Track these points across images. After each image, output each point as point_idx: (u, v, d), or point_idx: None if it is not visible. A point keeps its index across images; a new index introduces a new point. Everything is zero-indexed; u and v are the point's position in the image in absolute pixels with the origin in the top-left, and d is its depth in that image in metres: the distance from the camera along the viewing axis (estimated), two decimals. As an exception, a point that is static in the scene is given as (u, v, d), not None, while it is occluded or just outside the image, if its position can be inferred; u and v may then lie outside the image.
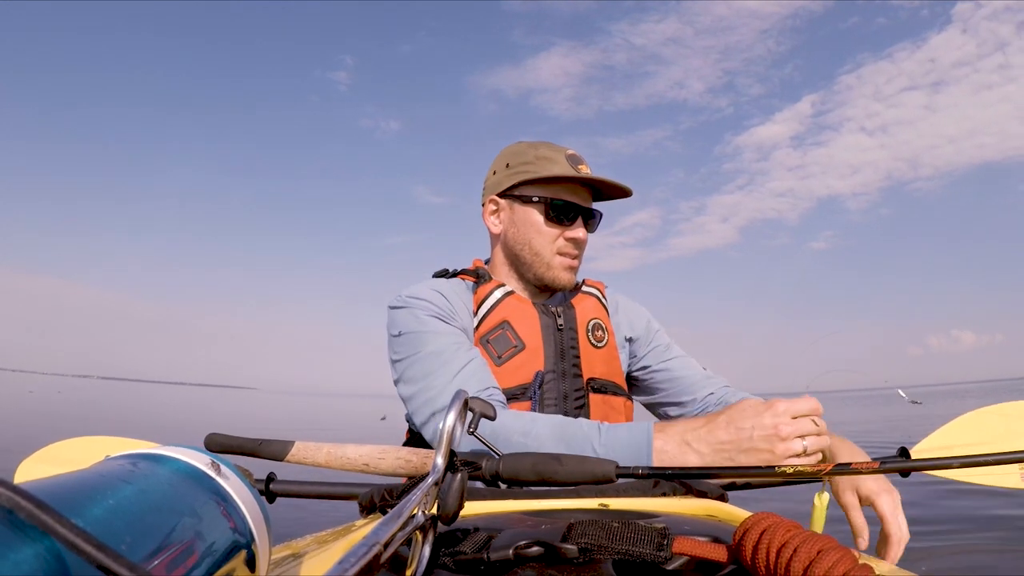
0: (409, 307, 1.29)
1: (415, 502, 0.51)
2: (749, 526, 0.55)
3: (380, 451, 1.06)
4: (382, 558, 0.40)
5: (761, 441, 0.96)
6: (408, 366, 1.24)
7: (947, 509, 4.19)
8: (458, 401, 0.63)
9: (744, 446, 0.97)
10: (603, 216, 1.46)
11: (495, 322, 1.33)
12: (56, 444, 1.21)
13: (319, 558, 0.66)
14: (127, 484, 0.39)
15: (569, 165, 1.36)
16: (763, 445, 0.96)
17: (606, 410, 1.37)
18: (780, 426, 0.96)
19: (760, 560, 0.52)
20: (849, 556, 0.49)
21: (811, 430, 0.97)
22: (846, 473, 1.04)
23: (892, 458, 0.99)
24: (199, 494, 0.43)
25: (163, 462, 0.45)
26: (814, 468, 0.84)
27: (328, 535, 0.84)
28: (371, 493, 0.97)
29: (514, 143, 1.46)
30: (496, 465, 0.87)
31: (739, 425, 0.98)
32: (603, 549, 0.56)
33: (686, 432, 1.02)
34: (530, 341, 1.32)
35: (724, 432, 0.99)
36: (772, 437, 0.96)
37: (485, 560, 0.57)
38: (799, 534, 0.52)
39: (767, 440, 0.96)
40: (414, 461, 1.03)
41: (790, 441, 0.96)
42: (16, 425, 11.64)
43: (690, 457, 1.01)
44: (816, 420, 0.99)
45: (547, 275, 1.39)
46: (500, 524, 0.69)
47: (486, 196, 1.46)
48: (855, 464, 0.87)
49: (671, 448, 1.02)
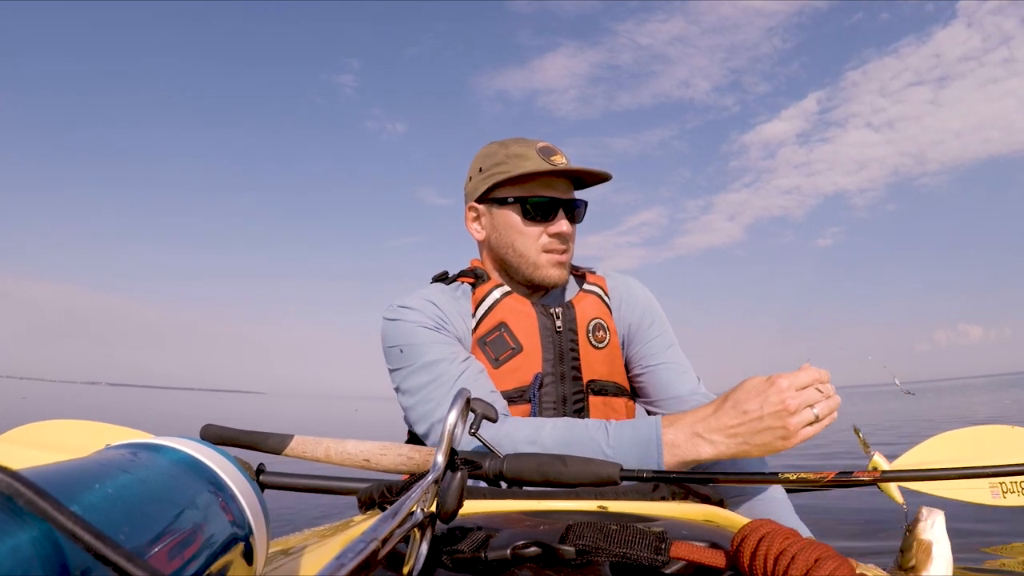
0: (401, 319, 1.28)
1: (414, 499, 0.51)
2: (747, 532, 0.55)
3: (381, 447, 1.06)
4: (380, 554, 0.40)
5: (772, 419, 0.96)
6: (404, 378, 1.25)
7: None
8: (460, 400, 0.63)
9: (756, 427, 0.97)
10: (588, 204, 1.41)
11: (492, 323, 1.32)
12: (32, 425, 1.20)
13: (317, 552, 0.66)
14: (126, 473, 0.39)
15: (541, 158, 1.31)
16: (774, 423, 0.96)
17: (607, 412, 1.35)
18: (787, 400, 0.96)
19: (758, 567, 0.52)
20: (847, 565, 0.49)
21: (818, 398, 0.98)
22: (847, 484, 1.03)
23: (890, 471, 0.99)
24: (198, 485, 0.43)
25: (163, 452, 0.45)
26: (816, 476, 0.84)
27: (326, 530, 0.84)
28: (370, 489, 0.97)
29: (486, 144, 1.41)
30: (500, 464, 0.87)
31: (745, 408, 0.98)
32: (601, 551, 0.56)
33: (695, 423, 1.02)
34: (528, 343, 1.31)
35: (732, 416, 0.99)
36: (782, 413, 0.96)
37: (483, 559, 0.56)
38: (797, 541, 0.52)
39: (777, 417, 0.96)
40: (416, 458, 1.03)
41: (800, 413, 0.96)
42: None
43: (702, 448, 1.00)
44: (820, 387, 0.99)
45: (536, 275, 1.35)
46: (499, 524, 0.69)
47: (466, 203, 1.44)
48: (857, 473, 0.88)
49: (682, 440, 1.02)
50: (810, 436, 0.98)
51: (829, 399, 0.98)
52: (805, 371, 0.99)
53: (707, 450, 1.00)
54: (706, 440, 1.00)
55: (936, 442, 1.25)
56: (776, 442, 0.97)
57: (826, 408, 0.98)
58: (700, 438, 1.01)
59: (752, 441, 0.98)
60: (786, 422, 0.96)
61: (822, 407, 0.97)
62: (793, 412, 0.96)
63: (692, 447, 1.01)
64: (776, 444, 0.97)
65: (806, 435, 0.98)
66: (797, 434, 0.96)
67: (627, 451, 1.03)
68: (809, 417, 0.96)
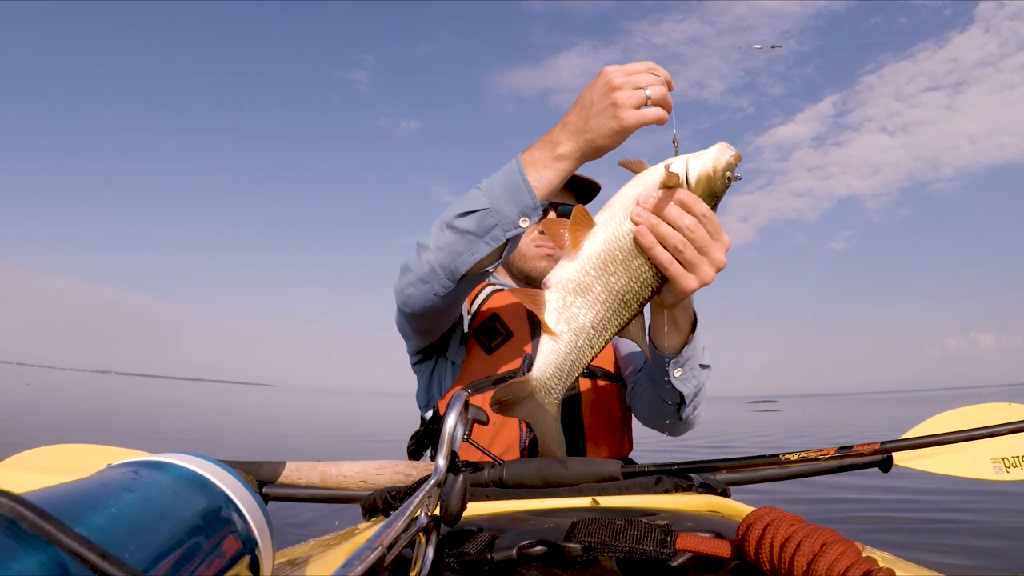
0: None
1: (417, 504, 0.51)
2: (752, 521, 0.55)
3: (377, 466, 1.04)
4: (386, 560, 0.40)
5: (600, 100, 0.98)
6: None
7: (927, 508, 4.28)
8: (459, 402, 0.64)
9: (589, 113, 0.99)
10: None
11: (485, 316, 1.44)
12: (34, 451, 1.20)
13: (322, 561, 0.66)
14: (129, 492, 0.38)
15: None
16: (602, 103, 0.98)
17: (599, 394, 1.42)
18: (612, 79, 0.97)
19: (764, 555, 0.52)
20: (853, 549, 0.49)
21: (650, 81, 0.98)
22: (848, 460, 1.04)
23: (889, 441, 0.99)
24: (202, 500, 0.43)
25: (165, 469, 0.45)
26: (816, 454, 0.85)
27: (331, 539, 0.84)
28: (373, 496, 0.96)
29: None
30: (500, 472, 0.87)
31: (580, 102, 1.01)
32: (607, 547, 0.57)
33: (547, 136, 1.05)
34: (517, 329, 1.41)
35: (572, 114, 1.02)
36: (607, 92, 0.97)
37: (489, 560, 0.57)
38: (803, 528, 0.52)
39: (604, 96, 0.98)
40: (413, 475, 1.02)
41: (626, 90, 0.97)
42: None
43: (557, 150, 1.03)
44: (655, 71, 0.99)
45: (526, 266, 1.52)
46: (503, 524, 0.69)
47: None
48: (856, 447, 0.88)
49: (538, 154, 1.05)
50: (650, 120, 0.98)
51: (663, 82, 0.99)
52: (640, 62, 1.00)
53: (565, 148, 1.02)
54: (556, 144, 1.03)
55: (936, 422, 1.26)
56: (610, 122, 0.98)
57: (657, 92, 0.98)
58: (550, 144, 1.04)
59: (591, 129, 0.99)
60: (613, 98, 0.97)
61: (655, 89, 0.97)
62: (617, 88, 0.97)
63: (549, 154, 1.03)
64: (611, 124, 0.98)
65: (643, 117, 0.98)
66: (627, 110, 0.97)
67: (496, 184, 1.06)
68: (640, 97, 0.97)
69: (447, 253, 1.09)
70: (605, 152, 1.03)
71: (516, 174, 1.04)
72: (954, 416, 1.28)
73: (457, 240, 1.08)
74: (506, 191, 1.05)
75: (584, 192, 1.57)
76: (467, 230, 1.07)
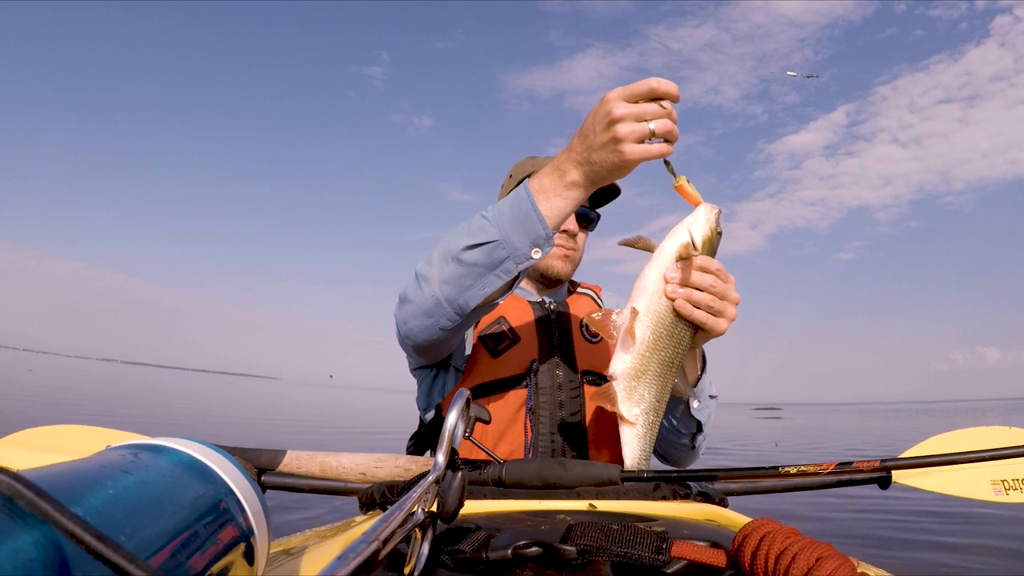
0: None
1: (415, 499, 0.51)
2: (748, 531, 0.55)
3: (377, 459, 1.05)
4: (381, 554, 0.40)
5: (603, 133, 0.94)
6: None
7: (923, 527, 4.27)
8: (460, 400, 0.63)
9: (592, 144, 0.95)
10: (601, 217, 1.54)
11: (491, 319, 1.40)
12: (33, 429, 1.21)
13: (318, 553, 0.66)
14: (127, 474, 0.39)
15: None
16: (604, 136, 0.93)
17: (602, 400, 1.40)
18: (613, 110, 0.92)
19: (759, 566, 0.52)
20: (848, 564, 0.49)
21: (655, 113, 0.93)
22: (848, 475, 1.03)
23: (889, 459, 0.99)
24: (199, 486, 0.43)
25: (164, 453, 0.45)
26: (816, 468, 0.84)
27: (327, 530, 0.84)
28: (371, 489, 0.97)
29: (521, 159, 1.54)
30: (499, 471, 0.87)
31: (583, 128, 0.98)
32: (602, 551, 0.56)
33: (554, 162, 1.02)
34: (524, 333, 1.39)
35: (575, 140, 0.99)
36: (609, 124, 0.93)
37: (484, 559, 0.57)
38: (798, 540, 0.52)
39: (606, 129, 0.93)
40: (413, 470, 1.02)
41: (628, 123, 0.92)
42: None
43: (568, 177, 0.99)
44: (663, 104, 0.94)
45: (541, 264, 1.47)
46: (500, 523, 0.69)
47: None
48: (856, 463, 0.88)
49: (548, 182, 1.01)
50: (654, 155, 0.95)
51: (669, 116, 0.94)
52: (644, 82, 0.94)
53: (573, 176, 0.99)
54: (564, 173, 1.00)
55: (936, 442, 1.26)
56: (612, 156, 0.94)
57: (663, 124, 0.93)
58: (559, 172, 1.00)
59: (594, 161, 0.96)
60: (614, 131, 0.92)
61: (659, 123, 0.93)
62: (619, 119, 0.92)
63: (557, 183, 1.00)
64: (612, 159, 0.94)
65: (647, 152, 0.94)
66: (629, 144, 0.92)
67: (505, 213, 1.02)
68: (643, 131, 0.92)
69: (453, 287, 1.05)
70: (613, 180, 1.01)
71: (526, 202, 1.00)
72: (954, 437, 1.28)
73: (464, 273, 1.04)
74: (516, 221, 1.01)
75: (599, 195, 1.52)
76: (475, 263, 1.02)
